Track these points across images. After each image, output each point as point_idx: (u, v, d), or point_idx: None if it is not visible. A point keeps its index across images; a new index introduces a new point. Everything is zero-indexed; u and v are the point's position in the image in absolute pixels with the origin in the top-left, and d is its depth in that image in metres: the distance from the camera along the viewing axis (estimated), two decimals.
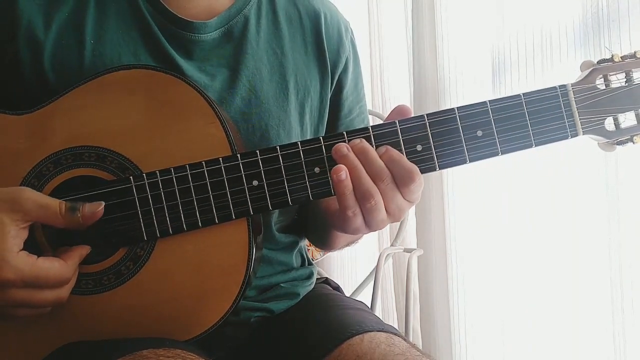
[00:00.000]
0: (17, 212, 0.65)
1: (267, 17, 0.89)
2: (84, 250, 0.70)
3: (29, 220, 0.66)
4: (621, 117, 0.75)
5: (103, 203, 0.69)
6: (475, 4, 1.51)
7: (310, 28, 0.91)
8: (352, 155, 0.71)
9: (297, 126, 0.89)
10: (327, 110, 0.94)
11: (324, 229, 0.94)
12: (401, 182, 0.70)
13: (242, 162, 0.72)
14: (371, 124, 0.85)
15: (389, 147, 0.72)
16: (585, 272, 1.32)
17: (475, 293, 1.57)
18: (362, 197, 0.70)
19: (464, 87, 1.57)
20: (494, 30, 1.47)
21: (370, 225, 0.72)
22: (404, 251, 1.60)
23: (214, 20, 0.84)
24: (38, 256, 0.66)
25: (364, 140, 0.72)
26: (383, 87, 1.89)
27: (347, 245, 1.03)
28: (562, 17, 1.31)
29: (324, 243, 1.01)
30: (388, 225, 1.83)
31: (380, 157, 0.71)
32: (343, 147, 0.71)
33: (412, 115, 0.74)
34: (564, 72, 1.31)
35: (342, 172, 0.70)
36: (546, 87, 0.74)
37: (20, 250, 0.65)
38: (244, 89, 0.85)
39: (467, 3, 1.53)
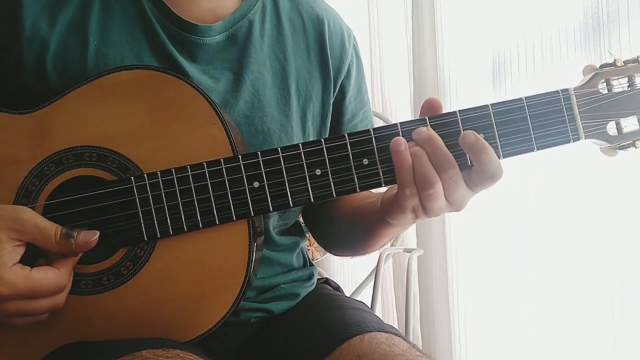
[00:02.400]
0: (15, 231, 0.65)
1: (271, 22, 0.89)
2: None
3: (25, 240, 0.66)
4: (623, 122, 0.75)
5: (98, 233, 0.69)
6: (475, 4, 1.51)
7: (313, 35, 0.91)
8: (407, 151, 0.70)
9: (299, 131, 0.89)
10: (329, 116, 0.93)
11: (371, 224, 0.86)
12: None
13: (243, 163, 0.72)
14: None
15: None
16: (586, 271, 1.32)
17: (475, 293, 1.57)
18: (421, 182, 0.69)
19: (464, 87, 1.57)
20: (494, 30, 1.47)
21: (427, 210, 0.71)
22: (404, 251, 1.61)
23: (218, 24, 0.84)
24: (32, 267, 0.66)
25: (430, 128, 0.71)
26: (383, 87, 1.89)
27: (383, 245, 0.94)
28: (562, 17, 1.31)
29: (364, 242, 0.91)
30: None
31: (461, 141, 0.70)
32: (400, 144, 0.70)
33: (443, 110, 0.74)
34: (564, 72, 1.31)
35: (401, 143, 0.70)
36: (548, 90, 0.74)
37: (14, 264, 0.65)
38: (247, 93, 0.85)
39: (467, 3, 1.53)
